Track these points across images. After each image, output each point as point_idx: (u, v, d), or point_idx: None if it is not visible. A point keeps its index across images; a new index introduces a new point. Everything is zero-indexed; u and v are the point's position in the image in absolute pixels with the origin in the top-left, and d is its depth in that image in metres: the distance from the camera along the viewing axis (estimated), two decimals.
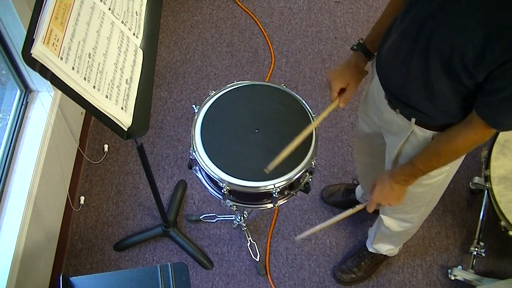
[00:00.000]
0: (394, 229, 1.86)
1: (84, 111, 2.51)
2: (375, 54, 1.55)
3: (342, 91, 1.55)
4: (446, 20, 1.13)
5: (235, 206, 1.65)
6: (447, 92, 1.24)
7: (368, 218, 2.32)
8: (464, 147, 1.29)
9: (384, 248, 2.06)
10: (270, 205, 1.62)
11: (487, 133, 1.23)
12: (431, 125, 1.37)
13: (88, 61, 1.27)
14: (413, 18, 1.23)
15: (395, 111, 1.42)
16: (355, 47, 1.55)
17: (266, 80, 2.73)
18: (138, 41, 1.51)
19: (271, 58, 2.81)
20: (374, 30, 1.54)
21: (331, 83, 1.54)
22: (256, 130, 1.58)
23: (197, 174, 1.67)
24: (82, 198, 2.34)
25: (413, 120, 1.38)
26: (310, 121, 1.63)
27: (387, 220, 1.84)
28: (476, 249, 2.11)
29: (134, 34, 1.49)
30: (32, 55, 1.10)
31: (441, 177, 1.52)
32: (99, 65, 1.31)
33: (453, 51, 1.12)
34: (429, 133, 1.38)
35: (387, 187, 1.49)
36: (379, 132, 1.62)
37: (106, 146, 2.49)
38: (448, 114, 1.30)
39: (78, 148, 2.39)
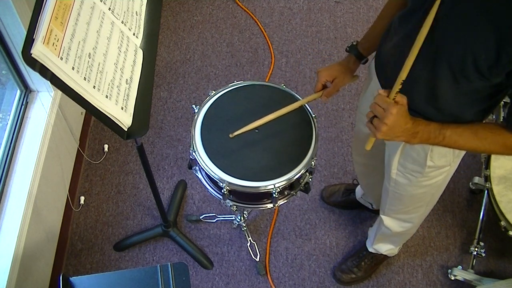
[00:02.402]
0: (394, 229, 1.86)
1: (84, 111, 2.51)
2: (367, 57, 1.56)
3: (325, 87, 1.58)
4: (455, 24, 1.12)
5: (235, 206, 1.64)
6: (452, 95, 1.23)
7: (368, 218, 2.32)
8: (504, 150, 1.23)
9: (384, 248, 2.06)
10: (270, 205, 1.62)
11: None
12: None
13: (88, 61, 1.27)
14: (418, 22, 1.21)
15: None
16: (348, 49, 1.57)
17: (266, 80, 2.73)
18: (138, 41, 1.51)
19: (271, 58, 2.81)
20: (368, 34, 1.54)
21: (318, 74, 1.56)
22: (256, 130, 1.58)
23: (197, 174, 1.67)
24: (82, 198, 2.34)
25: None
26: (311, 121, 1.63)
27: (387, 220, 1.85)
28: (476, 249, 2.11)
29: (134, 34, 1.49)
30: (32, 55, 1.10)
31: (440, 177, 1.52)
32: (99, 65, 1.31)
33: (465, 55, 1.11)
34: None
35: (403, 126, 1.20)
36: None
37: (106, 146, 2.49)
38: (450, 117, 1.30)
39: (78, 148, 2.39)
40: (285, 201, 1.63)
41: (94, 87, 1.26)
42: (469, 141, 1.24)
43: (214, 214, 2.30)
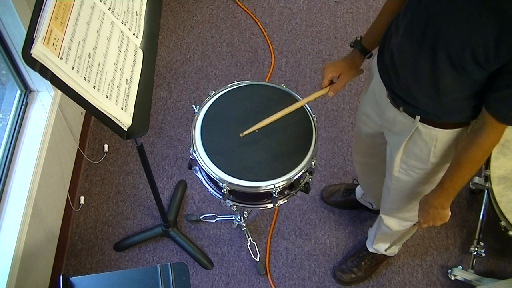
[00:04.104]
0: (394, 228, 1.86)
1: (84, 111, 2.51)
2: (372, 51, 1.57)
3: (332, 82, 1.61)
4: (455, 17, 1.12)
5: (235, 206, 1.64)
6: (454, 88, 1.24)
7: (368, 218, 2.32)
8: (481, 152, 1.28)
9: (384, 247, 2.06)
10: (270, 205, 1.62)
11: (499, 132, 1.24)
12: (436, 123, 1.37)
13: (88, 61, 1.27)
14: (416, 15, 1.22)
15: (399, 109, 1.42)
16: (352, 44, 1.58)
17: (266, 80, 2.73)
18: (138, 41, 1.51)
19: (271, 58, 2.81)
20: (371, 29, 1.55)
21: (324, 70, 1.58)
22: (256, 130, 1.58)
23: (197, 174, 1.67)
24: (82, 198, 2.34)
25: (418, 117, 1.38)
26: (311, 121, 1.63)
27: (387, 219, 1.84)
28: (476, 249, 2.11)
29: (134, 34, 1.49)
30: (32, 55, 1.10)
31: (441, 174, 1.52)
32: (99, 65, 1.31)
33: (464, 48, 1.12)
34: (433, 131, 1.38)
35: (425, 212, 1.50)
36: (380, 131, 1.62)
37: (106, 146, 2.49)
38: (454, 111, 1.30)
39: (78, 148, 2.39)
40: (285, 201, 1.63)
41: (94, 87, 1.26)
42: (462, 172, 1.35)
43: (214, 214, 2.30)
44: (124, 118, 1.34)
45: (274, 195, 1.52)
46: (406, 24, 1.26)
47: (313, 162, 1.57)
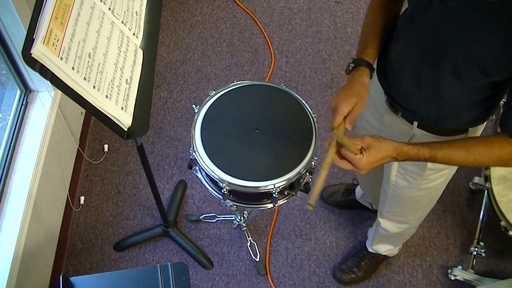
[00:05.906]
0: (391, 231, 1.86)
1: (84, 111, 2.51)
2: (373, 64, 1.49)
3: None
4: (463, 28, 1.11)
5: (235, 206, 1.64)
6: (456, 96, 1.23)
7: (368, 218, 2.32)
8: (487, 160, 1.21)
9: (384, 248, 2.06)
10: (270, 205, 1.62)
11: None
12: (434, 129, 1.36)
13: (88, 61, 1.27)
14: (422, 24, 1.20)
15: (397, 114, 1.42)
16: (352, 66, 1.33)
17: (266, 80, 2.73)
18: (138, 41, 1.51)
19: (271, 58, 2.81)
20: (363, 42, 1.38)
21: (337, 106, 1.33)
22: (256, 130, 1.58)
23: (197, 174, 1.67)
24: (82, 198, 2.34)
25: (415, 123, 1.37)
26: (311, 121, 1.63)
27: (384, 222, 1.85)
28: (476, 249, 2.11)
29: (134, 34, 1.49)
30: (32, 55, 1.10)
31: (440, 180, 1.52)
32: (99, 65, 1.31)
33: (471, 58, 1.11)
34: (430, 137, 1.37)
35: (374, 154, 1.23)
36: (379, 136, 1.61)
37: (106, 146, 2.49)
38: (453, 118, 1.30)
39: (78, 148, 2.39)
40: (285, 201, 1.63)
41: (94, 87, 1.26)
42: (462, 160, 1.21)
43: (214, 214, 2.30)
44: (124, 118, 1.34)
45: (274, 195, 1.52)
46: (410, 32, 1.24)
47: (313, 162, 1.57)
